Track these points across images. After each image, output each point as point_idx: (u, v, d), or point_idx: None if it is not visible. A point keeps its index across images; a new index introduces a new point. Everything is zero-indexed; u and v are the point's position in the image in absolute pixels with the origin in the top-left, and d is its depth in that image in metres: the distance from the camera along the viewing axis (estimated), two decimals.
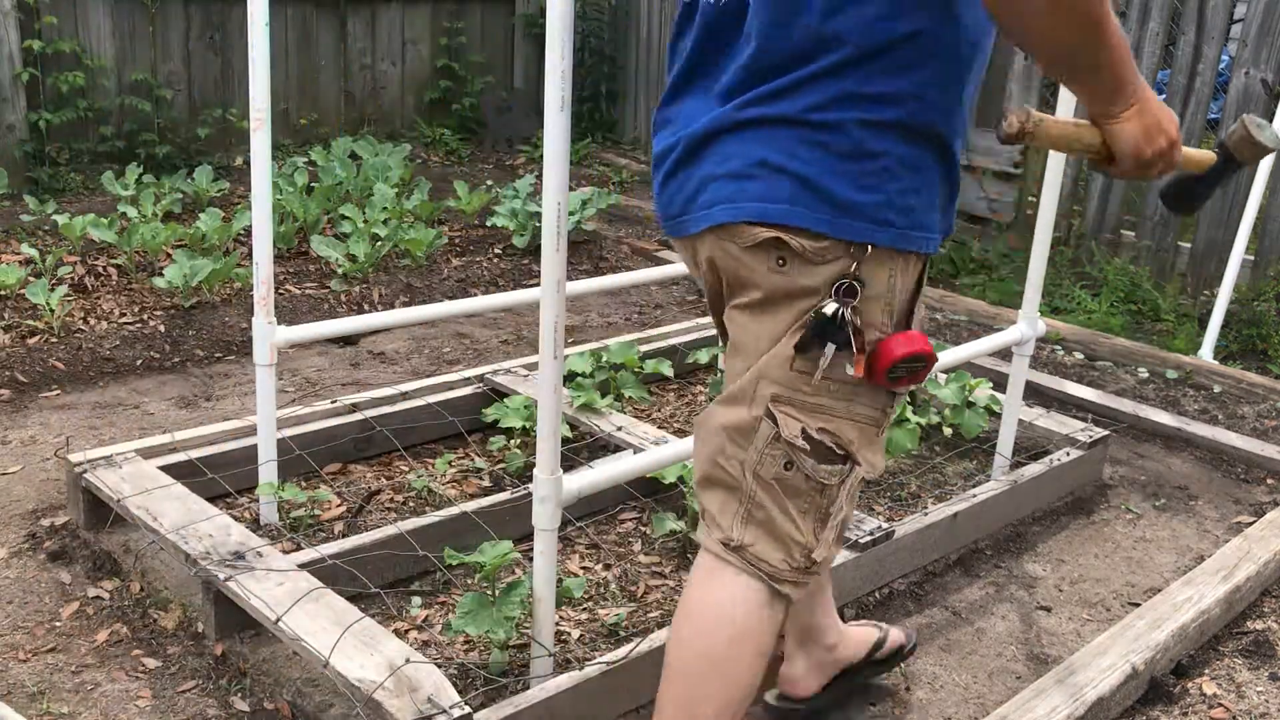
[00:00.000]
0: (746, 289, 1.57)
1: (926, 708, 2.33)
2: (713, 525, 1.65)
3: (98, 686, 2.26)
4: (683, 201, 1.61)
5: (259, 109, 2.48)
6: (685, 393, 3.80)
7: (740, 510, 1.62)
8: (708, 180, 1.56)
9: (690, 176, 1.59)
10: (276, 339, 2.66)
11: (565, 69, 1.85)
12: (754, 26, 1.51)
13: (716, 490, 1.64)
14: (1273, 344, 4.40)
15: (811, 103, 1.48)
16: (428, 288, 4.70)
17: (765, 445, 1.57)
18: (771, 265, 1.53)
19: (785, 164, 1.49)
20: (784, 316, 1.54)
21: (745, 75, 1.53)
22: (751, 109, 1.52)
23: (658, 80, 7.25)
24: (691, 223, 1.60)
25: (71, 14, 5.75)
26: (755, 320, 1.57)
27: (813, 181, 1.49)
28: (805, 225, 1.49)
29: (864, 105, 1.48)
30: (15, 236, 4.86)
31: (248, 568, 2.33)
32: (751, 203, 1.52)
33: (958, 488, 3.19)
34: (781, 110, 1.49)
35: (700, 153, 1.57)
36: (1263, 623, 2.69)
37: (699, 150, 1.57)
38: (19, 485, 3.01)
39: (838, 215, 1.49)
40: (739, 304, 1.60)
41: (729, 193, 1.54)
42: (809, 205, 1.49)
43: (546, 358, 1.98)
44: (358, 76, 6.94)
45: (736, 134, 1.53)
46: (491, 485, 3.07)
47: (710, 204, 1.56)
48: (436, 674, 2.02)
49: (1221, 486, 3.40)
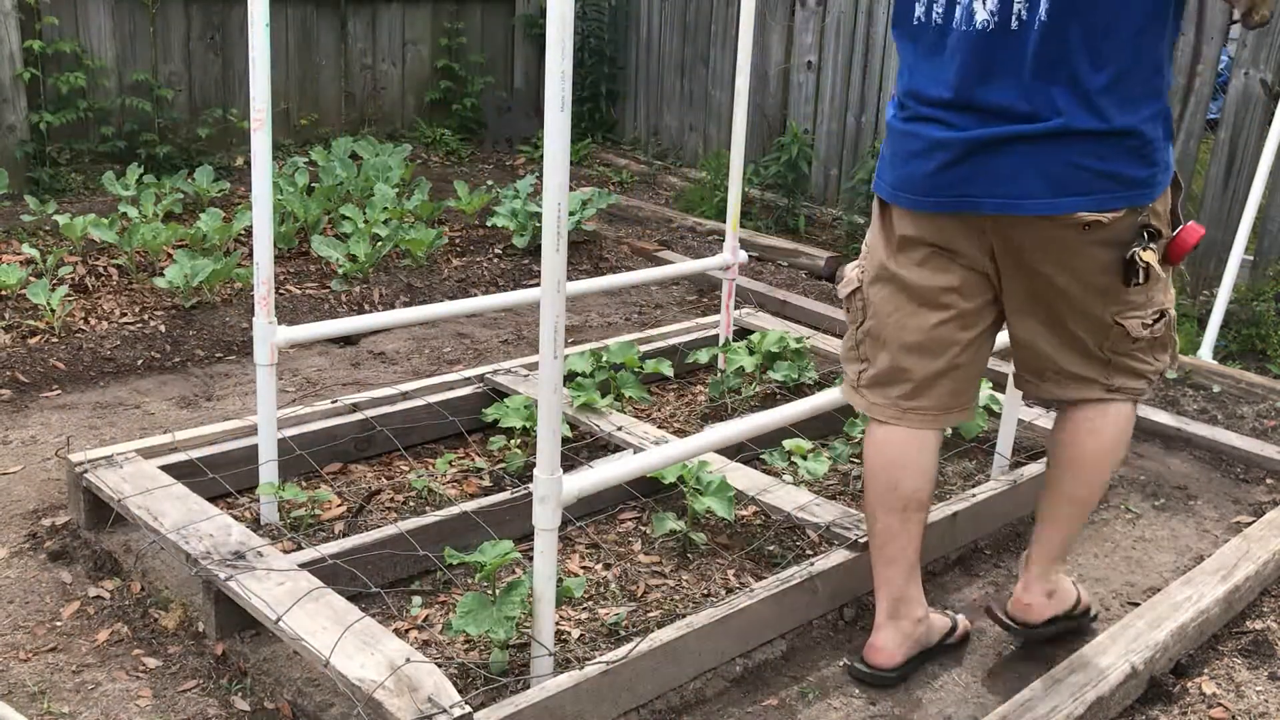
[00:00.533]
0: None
1: (927, 707, 2.34)
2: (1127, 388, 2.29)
3: (98, 686, 2.26)
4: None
5: (259, 109, 2.49)
6: (685, 393, 3.80)
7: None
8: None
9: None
10: (277, 339, 2.67)
11: (566, 69, 1.86)
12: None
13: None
14: (1272, 344, 4.40)
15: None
16: (428, 288, 4.70)
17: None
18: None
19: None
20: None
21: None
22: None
23: (658, 80, 7.26)
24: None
25: (72, 14, 5.75)
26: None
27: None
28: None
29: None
30: (16, 237, 4.87)
31: (248, 567, 2.33)
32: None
33: (957, 488, 3.19)
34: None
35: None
36: (1262, 622, 2.70)
37: None
38: (20, 485, 3.01)
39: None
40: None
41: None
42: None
43: (547, 357, 1.98)
44: (358, 77, 6.94)
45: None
46: (491, 485, 3.07)
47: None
48: (437, 673, 2.03)
49: (1221, 486, 3.40)
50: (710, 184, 6.32)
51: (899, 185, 2.17)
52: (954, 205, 2.10)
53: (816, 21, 6.19)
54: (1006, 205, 2.04)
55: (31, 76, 5.54)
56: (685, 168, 7.06)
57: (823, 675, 2.42)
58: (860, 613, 2.63)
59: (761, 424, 2.66)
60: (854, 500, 3.09)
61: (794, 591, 2.49)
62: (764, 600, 2.43)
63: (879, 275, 2.27)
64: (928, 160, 2.09)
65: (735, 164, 3.64)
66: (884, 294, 2.26)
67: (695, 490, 2.79)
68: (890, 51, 5.82)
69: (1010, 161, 2.02)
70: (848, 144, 6.12)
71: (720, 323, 3.89)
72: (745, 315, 4.18)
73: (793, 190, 6.00)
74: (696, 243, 5.63)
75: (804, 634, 2.54)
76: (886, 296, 2.26)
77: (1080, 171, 2.00)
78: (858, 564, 2.61)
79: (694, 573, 2.72)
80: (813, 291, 4.98)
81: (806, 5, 6.23)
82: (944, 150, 2.07)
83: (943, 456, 3.39)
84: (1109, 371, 2.27)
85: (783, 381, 3.67)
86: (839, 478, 3.21)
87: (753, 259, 5.31)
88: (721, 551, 2.81)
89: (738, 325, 4.06)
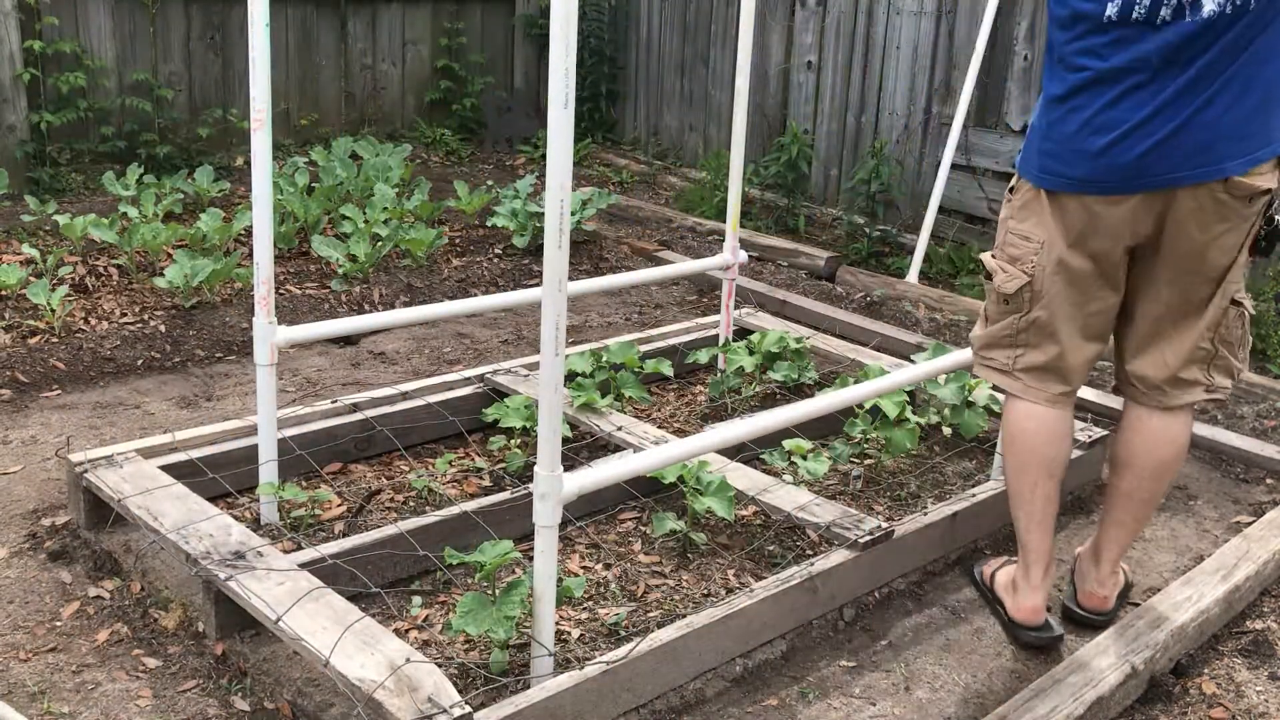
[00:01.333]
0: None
1: (927, 707, 2.34)
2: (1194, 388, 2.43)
3: (98, 686, 2.26)
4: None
5: (259, 109, 2.49)
6: (685, 393, 3.80)
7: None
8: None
9: None
10: (277, 339, 2.67)
11: (569, 66, 1.86)
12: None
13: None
14: (1272, 344, 4.40)
15: None
16: (428, 288, 4.70)
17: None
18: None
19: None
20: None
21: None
22: None
23: (658, 80, 7.26)
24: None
25: (72, 14, 5.75)
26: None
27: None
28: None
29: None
30: (16, 237, 4.87)
31: (248, 567, 2.33)
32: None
33: (957, 487, 3.19)
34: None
35: None
36: (1262, 622, 2.70)
37: None
38: (20, 485, 3.01)
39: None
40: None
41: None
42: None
43: (548, 355, 1.98)
44: (358, 77, 6.95)
45: None
46: (491, 485, 3.07)
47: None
48: (437, 673, 2.03)
49: (1221, 486, 3.40)
50: (710, 184, 6.32)
51: (1092, 174, 2.23)
52: (1153, 183, 2.20)
53: (816, 21, 6.19)
54: (1204, 173, 2.17)
55: (31, 76, 5.54)
56: (685, 168, 7.06)
57: (823, 675, 2.42)
58: (860, 613, 2.63)
59: (762, 424, 2.66)
60: (854, 500, 3.09)
61: (794, 591, 2.49)
62: (764, 600, 2.43)
63: (1057, 267, 2.33)
64: (1128, 145, 2.19)
65: (735, 164, 3.64)
66: (1059, 285, 2.35)
67: (695, 490, 2.79)
68: (890, 51, 5.82)
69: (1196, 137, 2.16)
70: (848, 144, 6.12)
71: (720, 323, 3.89)
72: (745, 315, 4.18)
73: (793, 190, 6.01)
74: (696, 243, 5.63)
75: (804, 634, 2.54)
76: (1062, 287, 2.35)
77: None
78: (857, 564, 2.61)
79: (694, 573, 2.72)
80: (813, 291, 4.98)
81: (806, 5, 6.23)
82: (1144, 134, 2.18)
83: (943, 456, 3.39)
84: (1211, 370, 2.41)
85: (782, 381, 3.67)
86: (839, 478, 3.21)
87: (753, 259, 5.31)
88: (721, 551, 2.81)
89: (738, 325, 4.06)
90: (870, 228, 5.57)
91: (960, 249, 5.40)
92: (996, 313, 2.46)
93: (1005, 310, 2.43)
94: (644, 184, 6.83)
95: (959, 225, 5.51)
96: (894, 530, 2.70)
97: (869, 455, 3.33)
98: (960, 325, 4.59)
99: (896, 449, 3.17)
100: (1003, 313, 2.44)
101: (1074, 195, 2.27)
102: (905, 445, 3.16)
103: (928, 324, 4.63)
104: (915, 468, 3.31)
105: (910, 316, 4.69)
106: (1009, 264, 2.40)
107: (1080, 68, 2.22)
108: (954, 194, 5.45)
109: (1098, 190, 2.24)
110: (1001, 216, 2.45)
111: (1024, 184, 2.38)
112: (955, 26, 5.55)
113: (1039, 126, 2.33)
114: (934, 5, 5.61)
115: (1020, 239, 2.37)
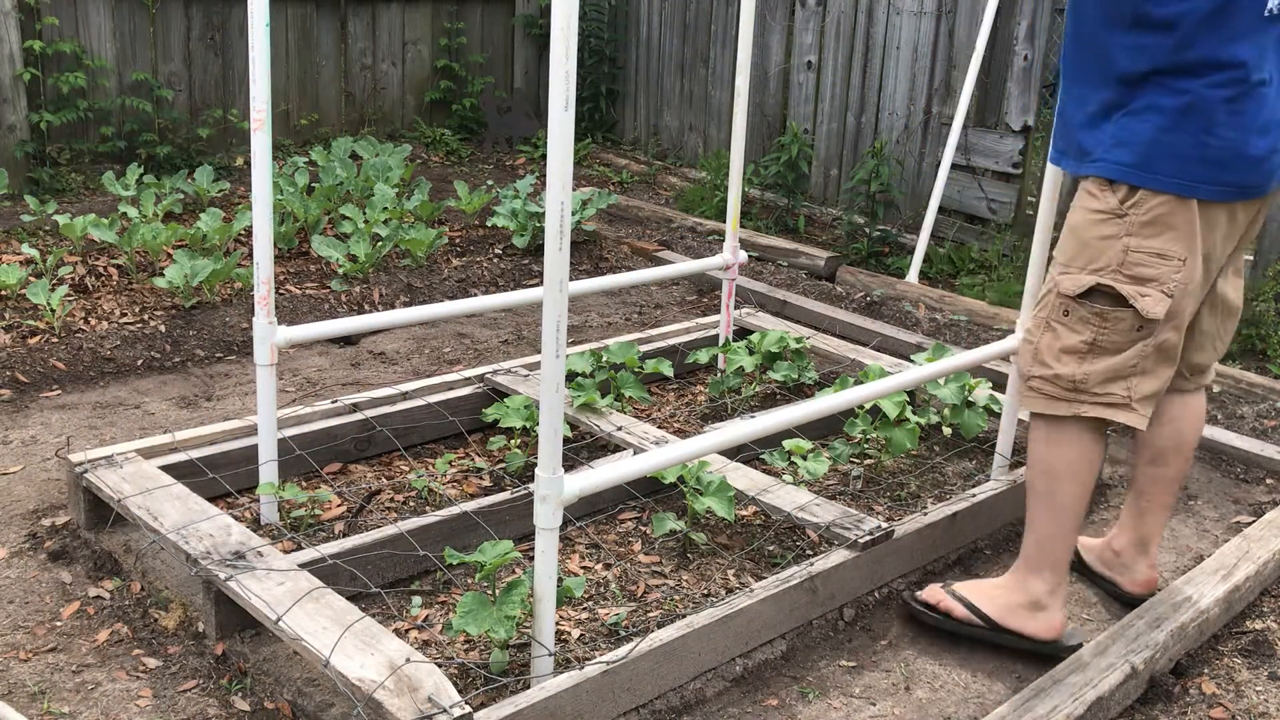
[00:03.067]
0: None
1: (927, 707, 2.34)
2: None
3: (98, 686, 2.26)
4: None
5: (259, 109, 2.49)
6: (685, 393, 3.80)
7: None
8: None
9: None
10: (277, 339, 2.67)
11: (570, 69, 1.86)
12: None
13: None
14: (1271, 344, 4.40)
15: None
16: (428, 288, 4.70)
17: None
18: None
19: None
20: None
21: None
22: None
23: (658, 80, 7.25)
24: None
25: (72, 14, 5.75)
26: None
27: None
28: None
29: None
30: (16, 237, 4.87)
31: (248, 567, 2.33)
32: None
33: (957, 488, 3.19)
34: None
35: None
36: (1262, 622, 2.70)
37: None
38: (20, 485, 3.01)
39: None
40: None
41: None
42: None
43: (549, 355, 1.98)
44: (358, 77, 6.94)
45: None
46: (492, 485, 3.07)
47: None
48: (437, 673, 2.03)
49: (1221, 486, 3.40)
50: (710, 184, 6.32)
51: (1254, 178, 2.19)
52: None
53: (816, 21, 6.19)
54: None
55: (31, 76, 5.54)
56: (685, 168, 7.06)
57: (822, 675, 2.42)
58: (860, 613, 2.63)
59: (762, 425, 2.66)
60: (853, 500, 3.10)
61: (794, 591, 2.49)
62: (764, 600, 2.43)
63: (1189, 288, 2.21)
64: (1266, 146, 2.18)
65: (735, 164, 3.64)
66: (1189, 302, 2.25)
67: (695, 490, 2.79)
68: (890, 51, 5.82)
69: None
70: (848, 144, 6.12)
71: (720, 323, 3.89)
72: (745, 315, 4.19)
73: (792, 190, 6.01)
74: (696, 243, 5.63)
75: (804, 634, 2.54)
76: (1190, 304, 2.26)
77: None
78: (857, 564, 2.61)
79: (694, 573, 2.72)
80: (813, 291, 4.98)
81: (806, 5, 6.23)
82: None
83: (943, 456, 3.39)
84: (1223, 349, 2.55)
85: (782, 381, 3.67)
86: (839, 478, 3.22)
87: (753, 259, 5.31)
88: (721, 551, 2.81)
89: (738, 325, 4.06)
90: (870, 228, 5.58)
91: (960, 249, 5.40)
92: (1123, 341, 2.25)
93: (1136, 336, 2.24)
94: (644, 184, 6.83)
95: (959, 225, 5.51)
96: (894, 530, 2.70)
97: (869, 455, 3.33)
98: (960, 325, 4.59)
99: (896, 449, 3.17)
100: (1132, 340, 2.24)
101: (1227, 203, 2.16)
102: (905, 445, 3.16)
103: (928, 324, 4.63)
104: (915, 468, 3.31)
105: (910, 316, 4.70)
106: (1140, 285, 2.19)
107: (1235, 64, 2.08)
108: (954, 194, 5.46)
109: (1253, 194, 2.18)
110: (1102, 234, 2.22)
111: (1151, 195, 2.16)
112: (955, 26, 5.55)
113: (1187, 129, 2.11)
114: (934, 5, 5.61)
115: (1153, 256, 2.18)
